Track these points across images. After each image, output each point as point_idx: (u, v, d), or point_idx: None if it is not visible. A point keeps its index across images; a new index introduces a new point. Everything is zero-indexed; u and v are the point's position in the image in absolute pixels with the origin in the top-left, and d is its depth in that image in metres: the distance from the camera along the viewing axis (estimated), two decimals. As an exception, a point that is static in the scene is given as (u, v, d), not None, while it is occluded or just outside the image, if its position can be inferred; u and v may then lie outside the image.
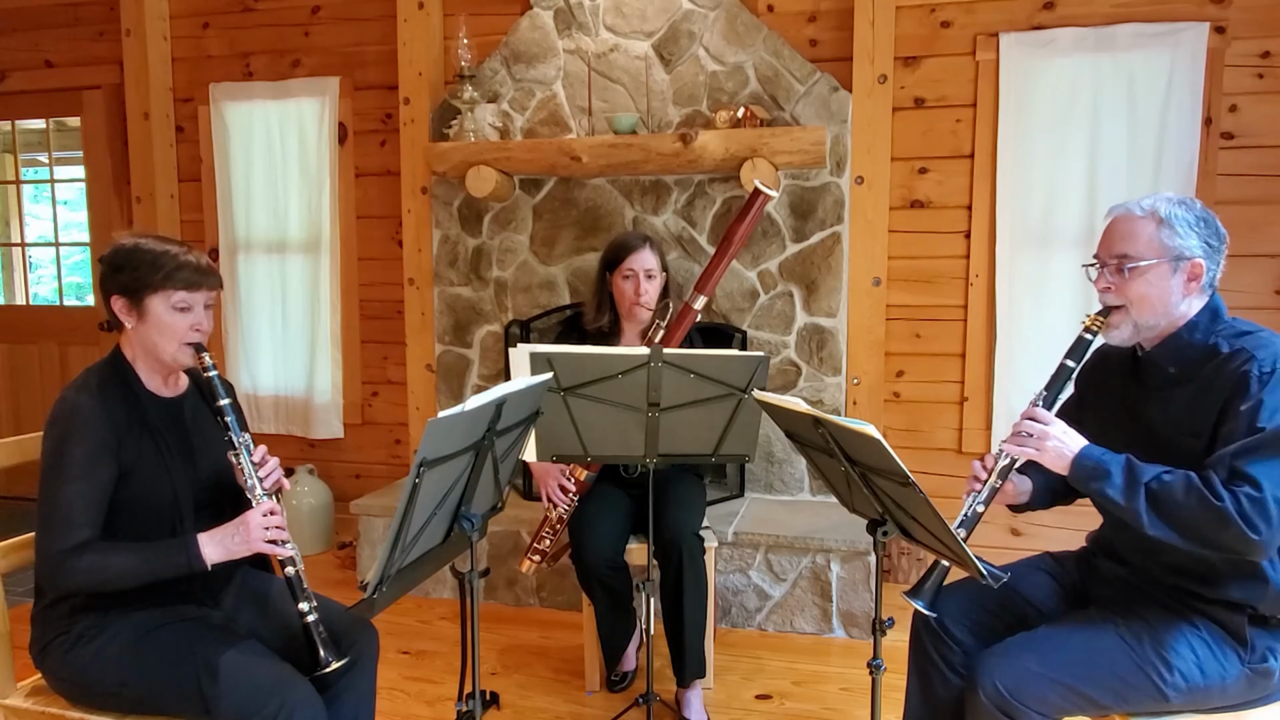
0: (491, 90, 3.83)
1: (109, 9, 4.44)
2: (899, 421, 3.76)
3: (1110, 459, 1.64)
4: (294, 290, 4.35)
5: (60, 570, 1.67)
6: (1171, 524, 1.57)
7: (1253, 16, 3.29)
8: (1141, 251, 1.68)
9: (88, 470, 1.70)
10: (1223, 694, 1.67)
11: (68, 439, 1.71)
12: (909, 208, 3.66)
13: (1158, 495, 1.58)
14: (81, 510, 1.69)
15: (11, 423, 4.81)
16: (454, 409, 1.51)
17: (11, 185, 4.97)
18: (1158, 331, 1.73)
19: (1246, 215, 3.35)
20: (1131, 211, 1.72)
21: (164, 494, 1.79)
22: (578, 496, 2.67)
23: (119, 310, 1.78)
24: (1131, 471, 1.61)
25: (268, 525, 1.72)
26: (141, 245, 1.78)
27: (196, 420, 1.90)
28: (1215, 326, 1.70)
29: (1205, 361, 1.67)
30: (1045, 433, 1.70)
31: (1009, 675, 1.65)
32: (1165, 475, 1.59)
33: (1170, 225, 1.67)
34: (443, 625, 3.37)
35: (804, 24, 3.67)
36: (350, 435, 4.40)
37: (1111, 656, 1.66)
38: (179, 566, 1.70)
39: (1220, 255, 1.71)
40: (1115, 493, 1.61)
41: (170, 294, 1.76)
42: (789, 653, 3.14)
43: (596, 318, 2.84)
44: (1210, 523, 1.53)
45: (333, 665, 1.72)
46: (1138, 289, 1.69)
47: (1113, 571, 1.85)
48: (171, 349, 1.78)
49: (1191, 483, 1.56)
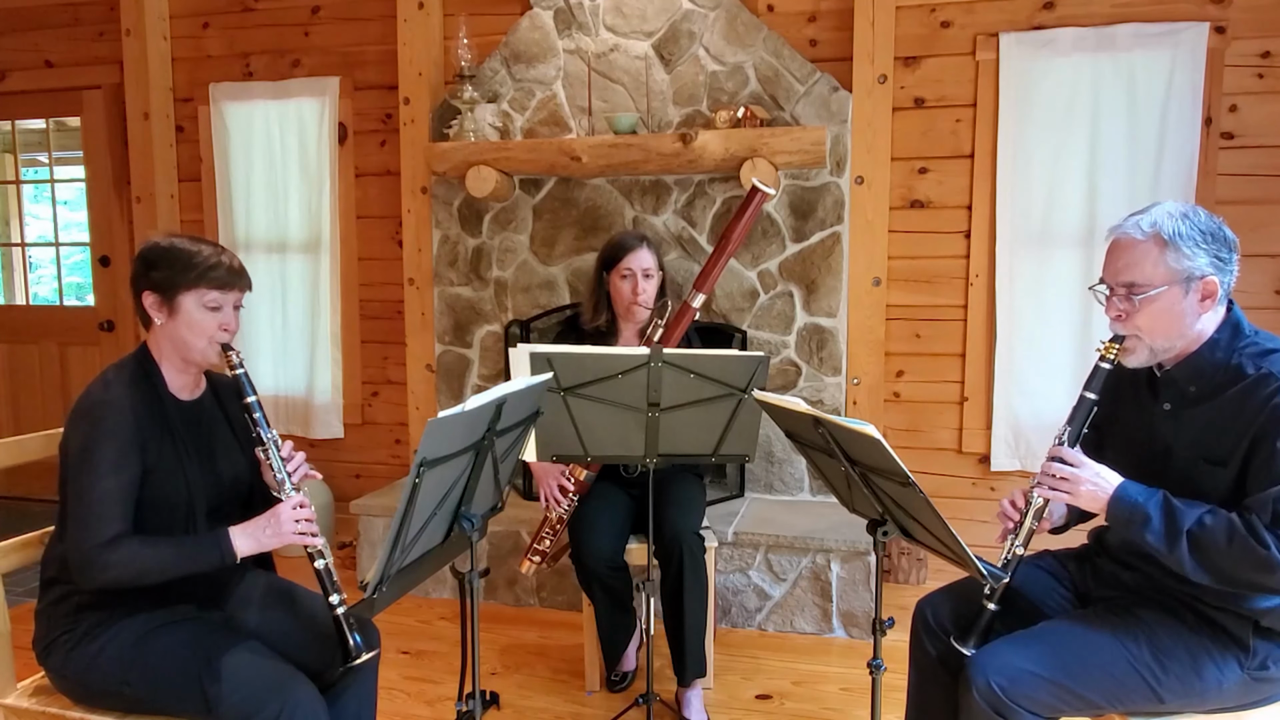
0: (491, 90, 3.83)
1: (109, 9, 4.44)
2: (899, 421, 3.76)
3: (1148, 501, 1.60)
4: (294, 290, 4.35)
5: (95, 564, 1.68)
6: (1213, 570, 1.55)
7: (1253, 16, 3.29)
8: (1150, 278, 1.62)
9: (118, 465, 1.71)
10: (1219, 697, 1.66)
11: (97, 434, 1.72)
12: (909, 208, 3.66)
13: (1200, 541, 1.54)
14: (114, 505, 1.70)
15: (11, 423, 4.81)
16: (454, 409, 1.51)
17: (11, 185, 4.97)
18: (1176, 352, 1.68)
19: (1246, 215, 3.35)
20: (1132, 235, 1.64)
21: (178, 495, 1.80)
22: (577, 496, 2.67)
23: (150, 306, 1.81)
24: (1171, 516, 1.57)
25: (298, 518, 1.77)
26: (176, 244, 1.81)
27: (213, 425, 1.93)
28: (1237, 344, 1.64)
29: (1229, 383, 1.62)
30: (1078, 477, 1.66)
31: (1002, 673, 1.64)
32: (1206, 519, 1.55)
33: (1176, 247, 1.60)
34: (443, 625, 3.37)
35: (804, 24, 3.67)
36: (350, 435, 4.40)
37: (1106, 657, 1.65)
38: (212, 559, 1.73)
39: (1232, 265, 1.64)
40: (1155, 539, 1.58)
41: (203, 293, 1.79)
42: (789, 653, 3.14)
43: (594, 317, 2.84)
44: (1254, 569, 1.51)
45: (364, 656, 1.74)
46: (1149, 317, 1.63)
47: (1113, 573, 1.84)
48: (201, 345, 1.81)
49: (1235, 529, 1.52)
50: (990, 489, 3.70)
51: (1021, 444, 3.59)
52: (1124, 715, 1.71)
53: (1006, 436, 3.61)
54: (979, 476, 3.71)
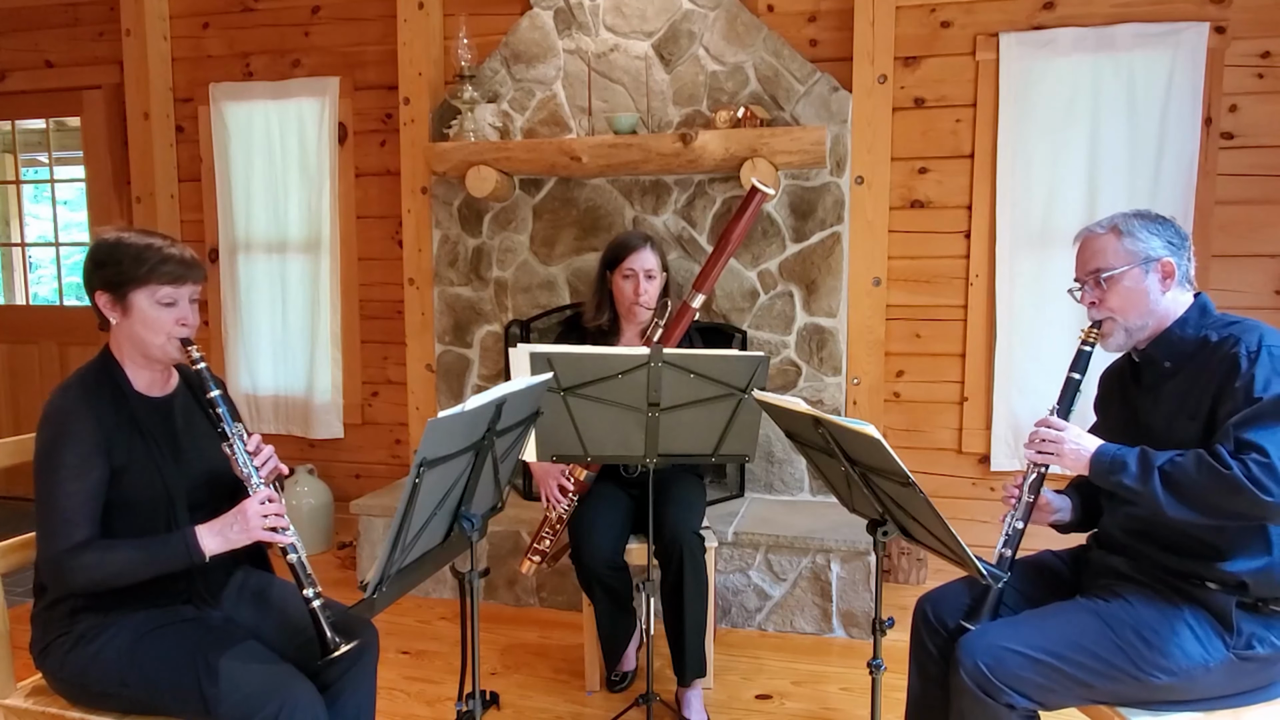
0: (491, 90, 3.83)
1: (109, 9, 4.44)
2: (899, 421, 3.76)
3: (1125, 451, 1.72)
4: (294, 290, 4.35)
5: (63, 570, 1.68)
6: (1188, 501, 1.63)
7: (1253, 16, 3.29)
8: (1111, 262, 1.81)
9: (80, 471, 1.70)
10: (1206, 678, 1.68)
11: (58, 441, 1.71)
12: (909, 208, 3.66)
13: (1171, 475, 1.64)
14: (77, 510, 1.69)
15: (11, 423, 4.81)
16: (454, 409, 1.51)
17: (11, 185, 4.98)
18: (1148, 331, 1.83)
19: (1246, 215, 3.36)
20: (1094, 231, 1.87)
21: (157, 493, 1.79)
22: (577, 497, 2.67)
23: (103, 306, 1.78)
24: (1145, 458, 1.69)
25: (265, 513, 1.72)
26: (124, 239, 1.76)
27: (187, 419, 1.90)
28: (1205, 320, 1.80)
29: (1197, 353, 1.77)
30: (1061, 438, 1.79)
31: (988, 654, 1.69)
32: (1177, 457, 1.66)
33: (1130, 234, 1.81)
34: (443, 625, 3.37)
35: (804, 24, 3.67)
36: (350, 435, 4.40)
37: (1091, 635, 1.70)
38: (179, 559, 1.70)
39: (1186, 250, 1.82)
40: (1132, 480, 1.68)
41: (155, 289, 1.75)
42: (789, 653, 3.14)
43: (596, 317, 2.84)
44: (1224, 493, 1.59)
45: (342, 649, 1.70)
46: (1118, 296, 1.82)
47: (1104, 561, 1.89)
48: (159, 342, 1.77)
49: (1202, 459, 1.62)
50: (990, 489, 3.70)
51: (1021, 444, 3.57)
52: (1114, 704, 1.73)
53: (1006, 436, 3.61)
54: (979, 476, 3.71)
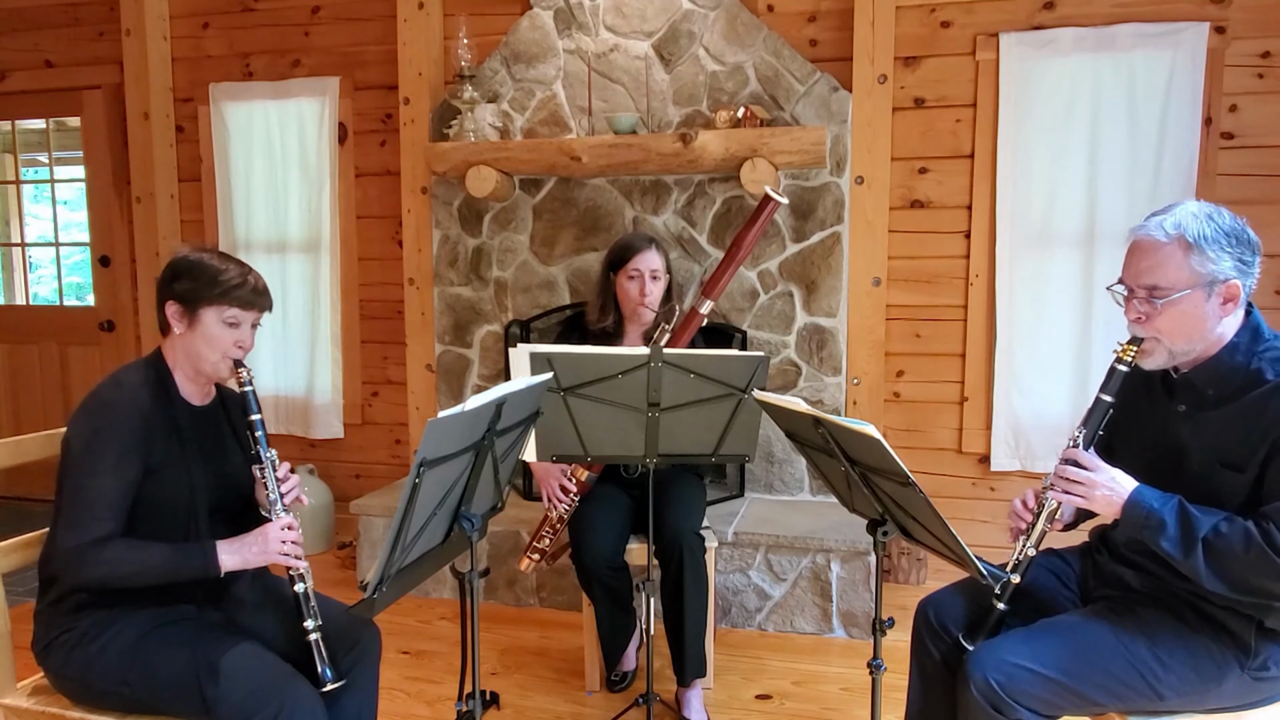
0: (491, 90, 3.83)
1: (109, 9, 4.44)
2: (899, 421, 3.76)
3: (1163, 507, 1.59)
4: (294, 290, 4.35)
5: (83, 562, 1.70)
6: (1228, 579, 1.54)
7: (1253, 16, 3.29)
8: (1173, 282, 1.59)
9: (117, 466, 1.73)
10: (1219, 696, 1.66)
11: (100, 433, 1.74)
12: (909, 208, 3.66)
13: (1215, 549, 1.54)
14: (108, 505, 1.72)
15: (11, 423, 4.81)
16: (454, 409, 1.51)
17: (11, 185, 4.97)
18: (1195, 355, 1.66)
19: (1246, 215, 3.30)
20: (1155, 237, 1.61)
21: (182, 494, 1.83)
22: (578, 497, 2.67)
23: (171, 315, 1.85)
24: (1187, 523, 1.56)
25: (285, 539, 1.80)
26: (205, 260, 1.85)
27: (220, 429, 1.97)
28: (1257, 348, 1.62)
29: (1248, 387, 1.60)
30: (1093, 481, 1.66)
31: (1000, 670, 1.63)
32: (1222, 526, 1.54)
33: (1200, 250, 1.58)
34: (443, 625, 3.37)
35: (804, 24, 3.67)
36: (350, 435, 4.40)
37: (1106, 655, 1.64)
38: (195, 570, 1.76)
39: (1255, 268, 1.62)
40: (1171, 546, 1.57)
41: (224, 309, 1.83)
42: (789, 653, 3.14)
43: (600, 318, 2.83)
44: (1272, 578, 1.50)
45: (330, 686, 1.77)
46: (1171, 320, 1.61)
47: (1116, 572, 1.83)
48: (214, 359, 1.85)
49: (1252, 538, 1.51)
50: (990, 489, 3.70)
51: (1021, 444, 3.59)
52: (1123, 714, 1.70)
53: (1006, 436, 3.61)
54: (979, 476, 3.71)
